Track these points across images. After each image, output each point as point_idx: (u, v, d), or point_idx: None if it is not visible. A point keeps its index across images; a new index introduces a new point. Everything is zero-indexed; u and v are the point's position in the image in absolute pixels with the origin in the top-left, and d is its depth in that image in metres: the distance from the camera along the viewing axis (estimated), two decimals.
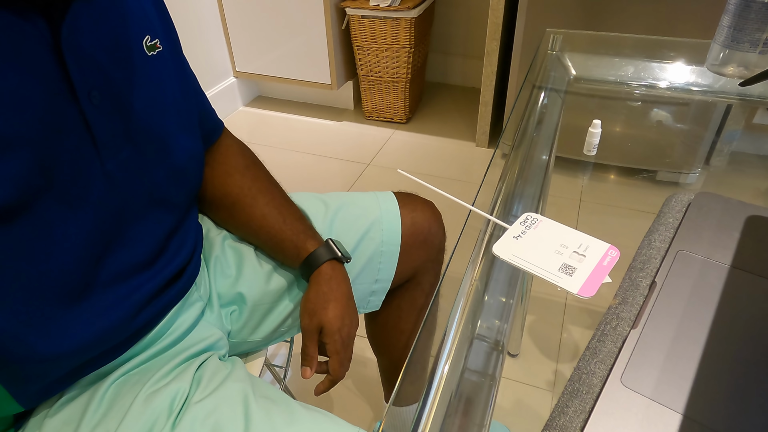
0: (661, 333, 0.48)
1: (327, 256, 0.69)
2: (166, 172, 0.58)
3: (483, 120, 2.05)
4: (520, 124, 0.78)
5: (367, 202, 0.79)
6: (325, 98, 2.46)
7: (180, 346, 0.63)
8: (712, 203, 0.64)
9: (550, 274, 0.49)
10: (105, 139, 0.49)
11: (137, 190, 0.55)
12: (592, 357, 0.49)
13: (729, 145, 1.14)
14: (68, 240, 0.48)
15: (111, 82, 0.50)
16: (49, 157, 0.44)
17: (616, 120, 0.97)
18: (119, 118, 0.51)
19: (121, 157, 0.52)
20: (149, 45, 0.55)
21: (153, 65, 0.55)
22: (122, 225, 0.54)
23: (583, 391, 0.46)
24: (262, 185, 0.72)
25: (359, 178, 1.97)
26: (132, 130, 0.53)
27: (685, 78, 0.95)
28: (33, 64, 0.43)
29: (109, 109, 0.50)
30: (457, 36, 2.48)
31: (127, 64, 0.52)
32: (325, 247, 0.70)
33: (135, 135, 0.53)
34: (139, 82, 0.53)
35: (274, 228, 0.70)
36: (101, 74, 0.49)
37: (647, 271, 0.57)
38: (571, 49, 1.02)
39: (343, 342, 0.67)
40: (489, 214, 0.57)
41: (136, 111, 0.53)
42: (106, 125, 0.50)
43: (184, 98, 0.61)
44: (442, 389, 0.44)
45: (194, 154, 0.64)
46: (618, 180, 1.31)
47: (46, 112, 0.44)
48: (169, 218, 0.61)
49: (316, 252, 0.69)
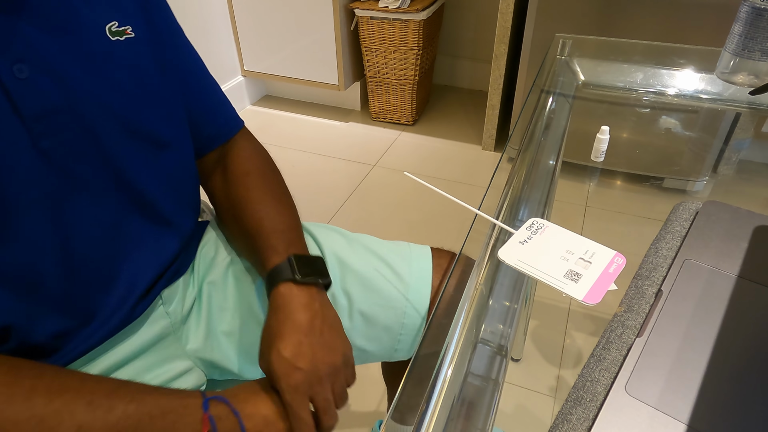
0: (666, 342, 0.48)
1: (283, 275, 0.57)
2: (137, 163, 0.56)
3: (490, 123, 2.05)
4: (528, 129, 0.78)
5: (399, 263, 0.70)
6: (332, 99, 2.46)
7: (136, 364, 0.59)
8: (720, 212, 0.63)
9: (556, 280, 0.48)
10: (33, 114, 0.47)
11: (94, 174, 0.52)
12: (597, 364, 0.49)
13: (737, 153, 1.13)
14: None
15: (50, 59, 0.48)
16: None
17: (625, 126, 0.97)
18: (58, 96, 0.49)
19: (62, 137, 0.49)
20: (114, 30, 0.53)
21: (117, 51, 0.54)
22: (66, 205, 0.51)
23: (587, 399, 0.46)
24: (254, 195, 0.66)
25: (365, 179, 1.97)
26: (77, 111, 0.50)
27: (695, 85, 0.94)
28: None
29: (43, 85, 0.47)
30: (465, 39, 2.48)
31: (80, 45, 0.50)
32: (285, 264, 0.58)
33: (80, 118, 0.51)
34: (93, 65, 0.51)
35: (250, 243, 0.63)
36: (32, 49, 0.47)
37: (653, 279, 0.57)
38: (580, 55, 1.01)
39: (299, 390, 0.52)
40: (495, 219, 0.57)
41: (87, 92, 0.51)
42: (37, 100, 0.47)
43: (164, 89, 0.59)
44: (445, 393, 0.44)
45: (177, 148, 0.60)
46: (625, 186, 1.30)
47: None
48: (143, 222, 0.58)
49: (274, 270, 0.58)
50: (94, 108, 0.52)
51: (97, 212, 0.53)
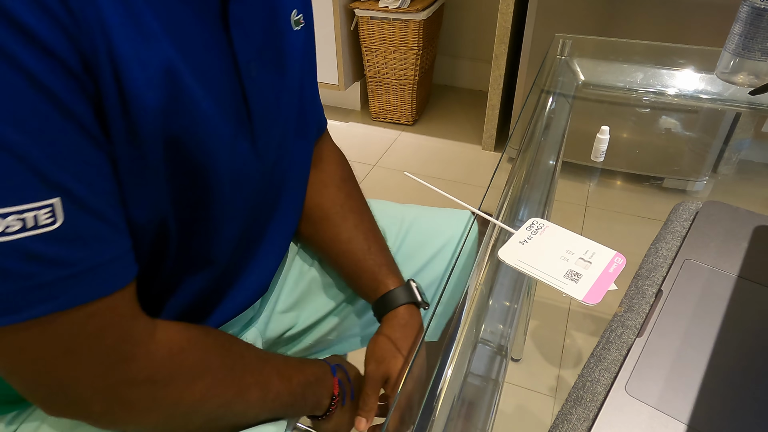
0: (666, 342, 0.48)
1: (405, 299, 0.63)
2: (291, 157, 0.58)
3: (490, 123, 2.05)
4: (528, 129, 0.78)
5: (445, 218, 0.75)
6: (332, 99, 2.46)
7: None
8: (720, 212, 0.63)
9: (556, 280, 0.48)
10: (259, 113, 0.49)
11: (284, 173, 0.56)
12: (597, 364, 0.49)
13: (737, 153, 1.13)
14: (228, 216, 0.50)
15: (266, 55, 0.49)
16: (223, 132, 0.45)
17: (625, 126, 0.97)
18: (272, 93, 0.50)
19: (272, 134, 0.52)
20: (295, 20, 0.54)
21: (297, 40, 0.54)
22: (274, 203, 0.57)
23: (587, 399, 0.46)
24: (354, 204, 0.68)
25: (365, 179, 1.97)
26: (277, 109, 0.52)
27: (695, 85, 0.94)
28: (205, 33, 0.42)
29: (263, 82, 0.49)
30: (465, 39, 2.48)
31: (280, 38, 0.51)
32: (405, 289, 0.64)
33: (278, 116, 0.52)
34: (287, 56, 0.52)
35: (357, 255, 0.65)
36: (259, 47, 0.48)
37: (653, 279, 0.57)
38: (580, 55, 1.01)
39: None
40: (495, 219, 0.57)
41: (279, 89, 0.52)
42: (260, 100, 0.49)
43: (310, 81, 0.60)
44: (445, 393, 0.44)
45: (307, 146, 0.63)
46: (625, 186, 1.30)
47: (221, 83, 0.44)
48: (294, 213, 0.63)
49: (395, 291, 0.63)
50: (287, 105, 0.54)
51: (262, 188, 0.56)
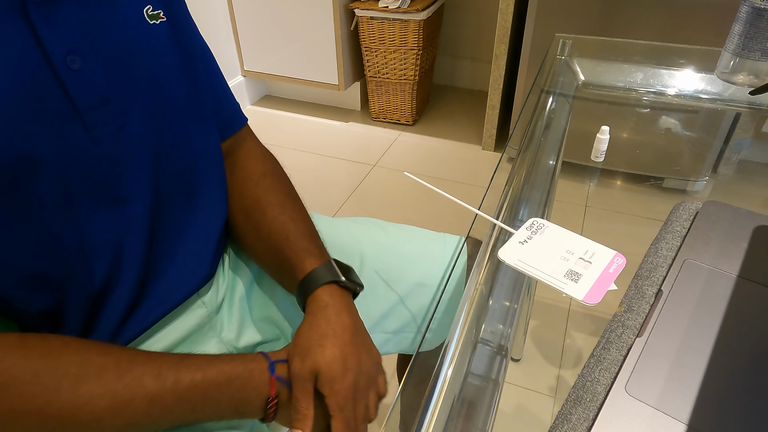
0: (666, 342, 0.48)
1: (326, 278, 0.57)
2: (166, 151, 0.56)
3: (490, 123, 2.05)
4: (528, 129, 0.78)
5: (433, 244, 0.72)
6: (332, 99, 2.46)
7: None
8: (721, 212, 0.63)
9: (556, 280, 0.48)
10: (87, 104, 0.47)
11: (139, 168, 0.53)
12: (597, 364, 0.49)
13: (737, 153, 1.13)
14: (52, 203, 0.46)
15: (98, 48, 0.48)
16: (32, 124, 0.44)
17: (625, 126, 0.97)
18: (109, 85, 0.49)
19: (113, 125, 0.50)
20: (150, 14, 0.53)
21: (155, 35, 0.54)
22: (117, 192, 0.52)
23: (587, 399, 0.46)
24: (272, 197, 0.65)
25: (365, 179, 1.97)
26: (125, 99, 0.51)
27: (695, 85, 0.94)
28: (1, 32, 0.42)
29: (94, 74, 0.48)
30: (465, 39, 2.48)
31: (125, 31, 0.50)
32: (326, 267, 0.58)
33: (128, 105, 0.51)
34: (138, 50, 0.51)
35: (276, 247, 0.61)
36: (84, 39, 0.47)
37: (653, 279, 0.57)
38: (580, 55, 1.01)
39: (349, 394, 0.52)
40: (495, 219, 0.57)
41: (132, 79, 0.51)
42: (89, 91, 0.47)
43: (187, 75, 0.58)
44: (445, 393, 0.44)
45: (204, 137, 0.60)
46: (625, 186, 1.30)
47: (21, 78, 0.43)
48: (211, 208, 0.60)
49: (314, 272, 0.57)
50: (140, 94, 0.52)
51: (144, 195, 0.54)
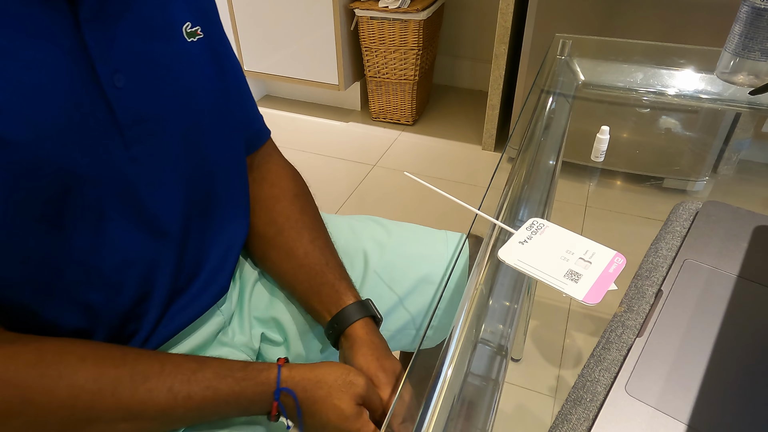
0: (666, 342, 0.48)
1: (366, 312, 0.62)
2: (196, 168, 0.57)
3: (490, 123, 2.05)
4: (528, 129, 0.78)
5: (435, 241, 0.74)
6: (332, 99, 2.46)
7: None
8: (720, 212, 0.63)
9: (556, 280, 0.48)
10: (128, 122, 0.49)
11: (171, 185, 0.54)
12: (597, 364, 0.49)
13: (737, 153, 1.13)
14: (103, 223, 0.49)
15: (142, 66, 0.49)
16: (75, 141, 0.45)
17: (625, 126, 0.97)
18: (148, 103, 0.50)
19: (150, 143, 0.51)
20: (189, 31, 0.54)
21: (193, 52, 0.54)
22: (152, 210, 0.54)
23: (587, 399, 0.46)
24: (308, 220, 0.67)
25: (365, 179, 1.97)
26: (162, 116, 0.52)
27: (695, 85, 0.94)
28: (55, 48, 0.43)
29: (136, 92, 0.49)
30: (465, 39, 2.48)
31: (165, 49, 0.51)
32: (361, 304, 0.63)
33: (165, 123, 0.52)
34: (177, 68, 0.52)
35: (315, 268, 0.64)
36: (129, 57, 0.48)
37: (653, 279, 0.57)
38: (580, 55, 1.01)
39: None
40: (495, 219, 0.57)
41: (169, 97, 0.52)
42: (131, 108, 0.49)
43: (220, 90, 0.59)
44: (445, 393, 0.44)
45: (231, 151, 0.61)
46: (625, 186, 1.30)
47: (69, 94, 0.44)
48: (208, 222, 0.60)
49: (358, 303, 0.62)
50: (176, 111, 0.53)
51: (175, 210, 0.55)
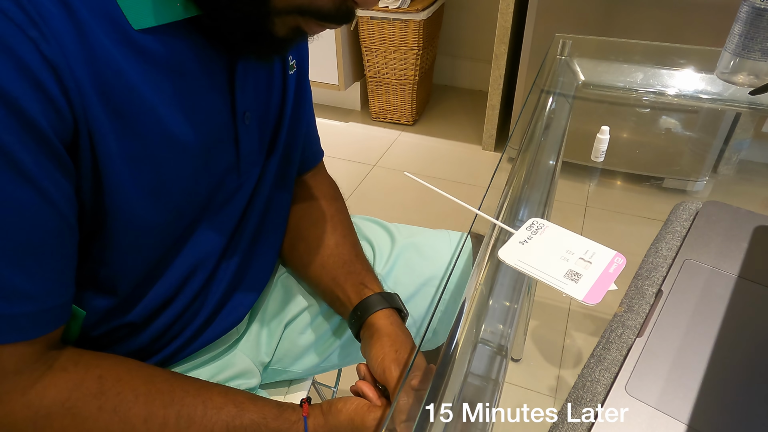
0: (666, 342, 0.48)
1: (391, 303, 0.63)
2: (266, 188, 0.62)
3: (490, 123, 2.05)
4: (528, 129, 0.78)
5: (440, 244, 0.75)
6: (332, 99, 2.46)
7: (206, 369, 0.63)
8: (721, 212, 0.64)
9: (556, 280, 0.48)
10: (245, 153, 0.55)
11: (256, 209, 0.61)
12: (597, 364, 0.49)
13: (737, 153, 1.13)
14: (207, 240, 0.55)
15: (259, 104, 0.55)
16: (205, 172, 0.51)
17: (625, 126, 0.97)
18: (258, 138, 0.56)
19: (253, 173, 0.58)
20: (290, 64, 0.60)
21: (289, 85, 0.60)
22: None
23: (587, 399, 0.46)
24: (343, 218, 0.71)
25: (365, 179, 1.97)
26: (262, 145, 0.58)
27: (695, 85, 0.94)
28: (216, 84, 0.49)
29: (254, 128, 0.55)
30: (465, 39, 2.48)
31: (273, 79, 0.57)
32: (387, 295, 0.64)
33: (268, 154, 0.60)
34: (278, 101, 0.58)
35: (345, 257, 0.66)
36: (254, 97, 0.54)
37: (654, 279, 0.57)
38: (580, 55, 1.01)
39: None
40: (495, 219, 0.57)
41: (266, 132, 0.58)
42: (249, 143, 0.55)
43: (296, 116, 0.63)
44: (445, 393, 0.44)
45: (288, 173, 0.66)
46: (625, 186, 1.30)
47: (216, 124, 0.50)
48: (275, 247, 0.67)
49: (384, 294, 0.63)
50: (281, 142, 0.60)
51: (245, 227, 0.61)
